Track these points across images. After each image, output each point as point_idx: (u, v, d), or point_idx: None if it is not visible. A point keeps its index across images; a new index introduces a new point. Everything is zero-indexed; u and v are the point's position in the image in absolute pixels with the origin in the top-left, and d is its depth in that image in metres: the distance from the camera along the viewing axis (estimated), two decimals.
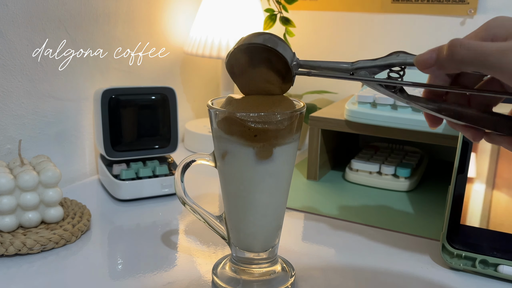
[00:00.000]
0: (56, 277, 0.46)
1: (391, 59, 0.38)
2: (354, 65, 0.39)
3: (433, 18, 0.84)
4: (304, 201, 0.66)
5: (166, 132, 0.68)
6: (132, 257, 0.50)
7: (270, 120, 0.39)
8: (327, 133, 0.74)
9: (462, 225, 0.50)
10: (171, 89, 0.68)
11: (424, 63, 0.35)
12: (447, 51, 0.33)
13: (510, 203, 0.49)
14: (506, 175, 0.50)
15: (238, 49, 0.40)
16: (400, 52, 0.38)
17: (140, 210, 0.61)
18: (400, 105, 0.65)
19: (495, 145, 0.51)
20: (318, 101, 0.94)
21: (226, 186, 0.43)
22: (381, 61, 0.38)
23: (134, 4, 0.76)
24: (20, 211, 0.52)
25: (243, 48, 0.39)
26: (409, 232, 0.58)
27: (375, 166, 0.72)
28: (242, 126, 0.39)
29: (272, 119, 0.39)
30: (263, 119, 0.39)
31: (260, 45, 0.39)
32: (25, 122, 0.62)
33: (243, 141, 0.39)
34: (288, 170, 0.42)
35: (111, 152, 0.65)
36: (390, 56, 0.38)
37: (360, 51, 0.91)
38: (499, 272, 0.47)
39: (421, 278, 0.48)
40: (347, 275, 0.47)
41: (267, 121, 0.39)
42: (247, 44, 0.39)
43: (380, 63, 0.38)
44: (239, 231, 0.44)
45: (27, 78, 0.61)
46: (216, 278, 0.45)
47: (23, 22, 0.60)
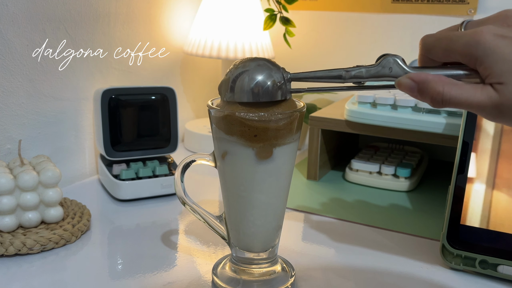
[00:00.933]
0: (56, 277, 0.46)
1: (385, 70, 0.37)
2: (348, 74, 0.38)
3: (433, 18, 0.84)
4: (304, 201, 0.66)
5: (166, 132, 0.68)
6: (132, 257, 0.50)
7: (270, 120, 0.39)
8: (327, 133, 0.74)
9: (462, 225, 0.50)
10: (171, 89, 0.68)
11: (405, 90, 0.36)
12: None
13: (510, 203, 0.49)
14: (506, 175, 0.50)
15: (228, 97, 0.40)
16: (390, 57, 0.38)
17: (140, 210, 0.61)
18: (400, 105, 0.65)
19: (495, 145, 0.51)
20: (318, 101, 0.94)
21: (226, 186, 0.43)
22: (375, 70, 0.38)
23: (134, 4, 0.76)
24: (20, 211, 0.52)
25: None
26: (409, 232, 0.58)
27: (375, 166, 0.72)
28: (242, 126, 0.39)
29: (272, 119, 0.39)
30: (263, 119, 0.38)
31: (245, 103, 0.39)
32: (25, 122, 0.62)
33: (243, 141, 0.39)
34: (288, 170, 0.42)
35: (111, 152, 0.65)
36: (382, 61, 0.38)
37: (360, 51, 0.91)
38: (499, 272, 0.47)
39: (421, 278, 0.48)
40: (347, 275, 0.47)
41: (267, 121, 0.39)
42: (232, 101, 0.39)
43: (374, 73, 0.38)
44: (239, 231, 0.44)
45: (27, 78, 0.61)
46: (216, 278, 0.45)
47: (23, 22, 0.60)
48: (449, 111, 0.63)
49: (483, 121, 0.52)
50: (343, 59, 0.92)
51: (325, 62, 0.94)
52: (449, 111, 0.63)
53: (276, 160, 0.41)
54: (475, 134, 0.52)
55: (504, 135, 0.51)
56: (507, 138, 0.51)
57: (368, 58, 0.90)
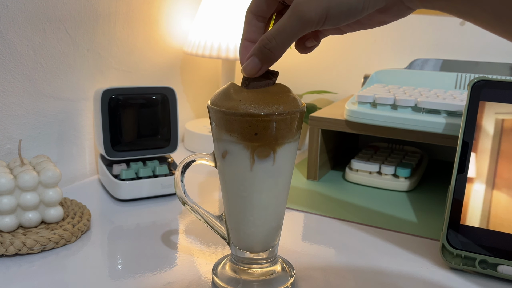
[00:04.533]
0: (56, 277, 0.46)
1: None
2: None
3: (432, 18, 0.84)
4: (304, 201, 0.66)
5: (166, 132, 0.68)
6: (132, 257, 0.50)
7: (271, 119, 0.39)
8: (327, 133, 0.74)
9: (462, 225, 0.50)
10: (171, 89, 0.68)
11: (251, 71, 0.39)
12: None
13: (510, 203, 0.49)
14: (506, 175, 0.50)
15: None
16: None
17: (140, 210, 0.61)
18: (400, 105, 0.65)
19: (495, 145, 0.51)
20: (318, 101, 0.95)
21: (226, 186, 0.43)
22: None
23: (134, 4, 0.76)
24: (20, 211, 0.52)
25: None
26: (409, 232, 0.58)
27: (375, 166, 0.72)
28: (243, 123, 0.39)
29: (273, 118, 0.39)
30: (263, 118, 0.38)
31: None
32: (25, 122, 0.62)
33: (243, 140, 0.39)
34: (288, 170, 0.42)
35: (111, 152, 0.65)
36: None
37: (357, 52, 0.91)
38: (499, 272, 0.47)
39: (421, 278, 0.48)
40: (347, 275, 0.47)
41: (268, 119, 0.39)
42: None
43: None
44: (239, 231, 0.44)
45: (27, 78, 0.62)
46: (216, 278, 0.45)
47: (23, 22, 0.60)
48: (449, 111, 0.63)
49: (483, 121, 0.52)
50: (341, 57, 0.92)
51: (324, 60, 0.94)
52: (449, 111, 0.63)
53: (276, 160, 0.41)
54: (475, 134, 0.52)
55: (504, 135, 0.51)
56: (507, 138, 0.51)
57: (366, 57, 0.90)
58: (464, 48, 0.83)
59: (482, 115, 0.52)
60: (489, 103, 0.52)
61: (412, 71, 0.79)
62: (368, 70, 0.86)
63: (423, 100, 0.64)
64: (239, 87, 0.41)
